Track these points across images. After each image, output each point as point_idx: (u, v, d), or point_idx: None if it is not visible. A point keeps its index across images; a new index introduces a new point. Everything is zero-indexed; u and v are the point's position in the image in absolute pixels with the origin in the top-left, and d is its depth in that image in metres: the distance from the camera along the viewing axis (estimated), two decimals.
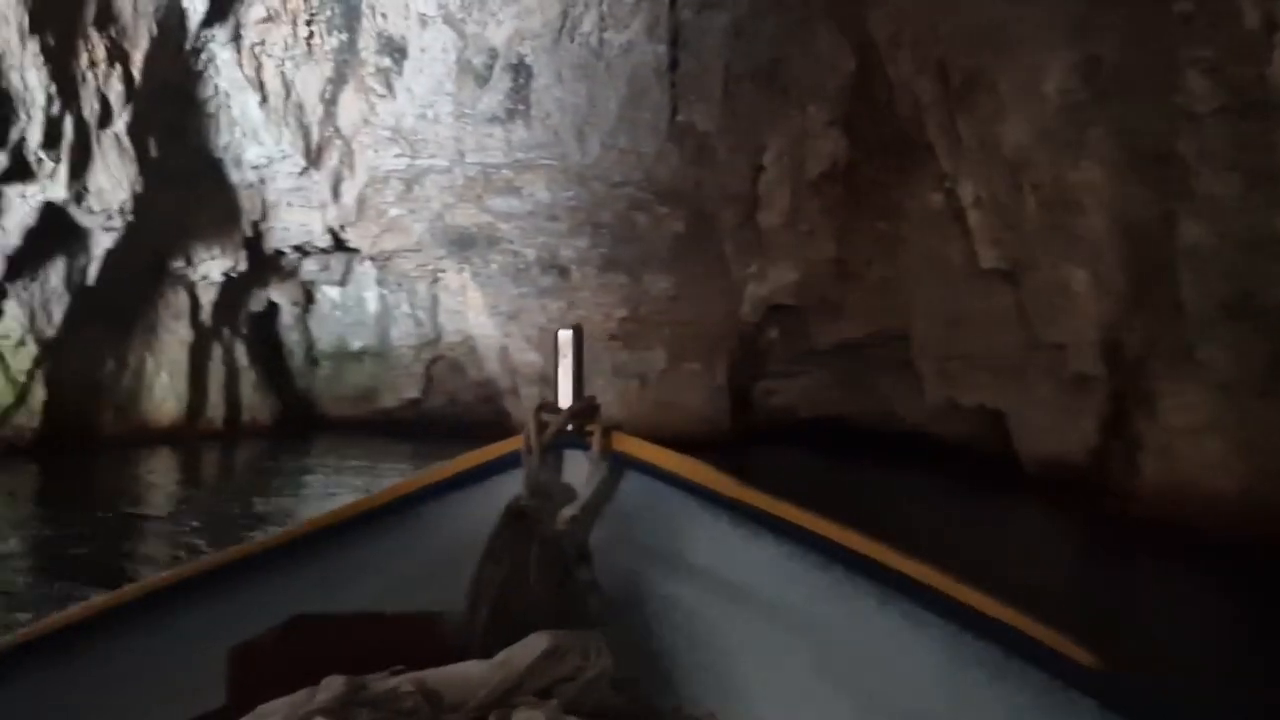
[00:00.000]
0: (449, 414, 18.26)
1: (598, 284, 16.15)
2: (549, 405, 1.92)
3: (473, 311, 17.17)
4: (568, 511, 1.78)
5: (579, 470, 1.89)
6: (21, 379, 12.06)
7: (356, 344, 19.14)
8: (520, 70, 15.25)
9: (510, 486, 1.84)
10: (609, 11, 15.02)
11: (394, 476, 13.84)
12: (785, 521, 1.78)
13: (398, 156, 15.64)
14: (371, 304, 18.90)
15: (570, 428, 1.90)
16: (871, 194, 14.80)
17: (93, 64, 10.98)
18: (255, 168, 14.89)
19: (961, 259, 13.14)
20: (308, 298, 18.75)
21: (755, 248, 15.77)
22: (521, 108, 15.33)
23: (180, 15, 12.46)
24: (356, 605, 1.81)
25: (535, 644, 1.49)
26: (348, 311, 19.07)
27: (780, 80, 15.33)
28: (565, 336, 1.98)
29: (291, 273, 17.72)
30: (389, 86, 15.12)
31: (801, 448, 15.98)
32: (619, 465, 1.89)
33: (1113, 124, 10.15)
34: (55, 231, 11.64)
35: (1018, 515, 10.96)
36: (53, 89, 10.32)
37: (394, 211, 16.16)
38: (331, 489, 11.46)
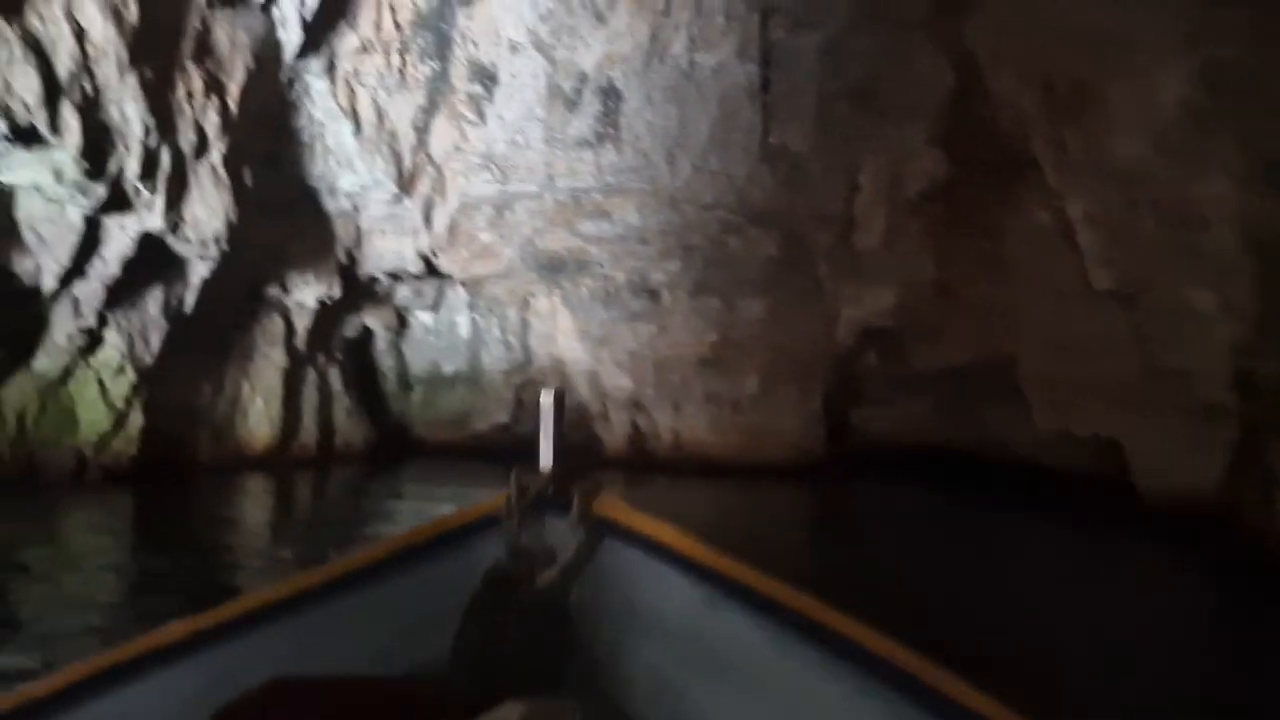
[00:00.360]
0: (539, 438, 18.11)
1: (689, 308, 15.89)
2: (530, 468, 1.97)
3: (563, 336, 17.11)
4: (547, 575, 1.82)
5: (560, 533, 1.92)
6: (120, 406, 12.26)
7: (449, 369, 19.17)
8: (610, 94, 15.19)
9: (491, 548, 1.88)
10: (699, 34, 14.85)
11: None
12: (758, 593, 1.80)
13: (488, 182, 15.67)
14: (463, 329, 18.92)
15: (552, 491, 1.96)
16: (973, 213, 14.21)
17: (190, 96, 11.18)
18: (349, 195, 15.04)
19: (1071, 279, 12.47)
20: (401, 323, 18.88)
21: (851, 270, 15.31)
22: (611, 131, 15.24)
23: (276, 47, 12.65)
24: (338, 667, 1.81)
25: (509, 714, 1.49)
26: (440, 336, 19.13)
27: (875, 98, 14.87)
28: (546, 402, 2.02)
29: (385, 298, 17.86)
30: (480, 113, 15.17)
31: (901, 477, 15.38)
32: (598, 530, 1.93)
33: (1240, 132, 9.47)
34: (153, 260, 11.83)
35: (1141, 556, 10.20)
36: (151, 121, 10.52)
37: (485, 237, 16.18)
38: (427, 515, 11.31)
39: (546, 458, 2.00)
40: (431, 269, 16.78)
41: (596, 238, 15.86)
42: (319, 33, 13.16)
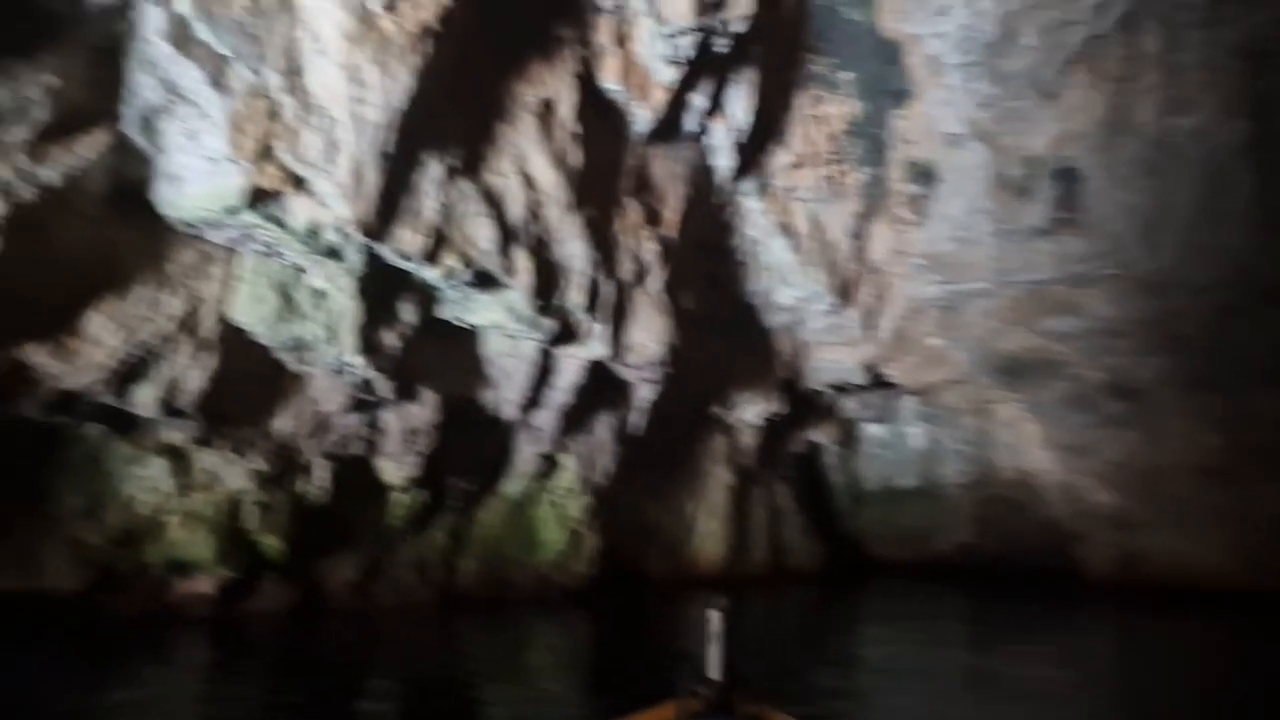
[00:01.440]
0: (1007, 559, 16.64)
1: (1183, 408, 14.12)
2: (701, 677, 2.16)
3: (1029, 445, 15.89)
4: None
5: None
6: (576, 526, 12.96)
7: (902, 483, 18.43)
8: (1067, 176, 14.07)
9: None
10: (1171, 95, 13.15)
11: (949, 632, 12.50)
12: None
13: (934, 284, 14.95)
14: (916, 440, 18.20)
15: (720, 701, 2.13)
16: None
17: (629, 229, 11.74)
18: (788, 309, 14.99)
19: None
20: (849, 436, 18.40)
21: None
22: (1071, 216, 14.08)
23: (710, 173, 13.01)
24: None
25: None
26: (892, 449, 18.51)
27: None
28: (715, 615, 2.32)
29: (830, 411, 17.52)
30: (919, 213, 14.49)
31: None
32: None
33: None
34: (601, 386, 12.44)
35: None
36: (594, 256, 11.14)
37: (933, 341, 15.42)
38: (889, 641, 10.90)
39: (715, 668, 2.05)
40: (878, 379, 16.25)
41: (1062, 335, 14.66)
42: (751, 154, 13.36)
